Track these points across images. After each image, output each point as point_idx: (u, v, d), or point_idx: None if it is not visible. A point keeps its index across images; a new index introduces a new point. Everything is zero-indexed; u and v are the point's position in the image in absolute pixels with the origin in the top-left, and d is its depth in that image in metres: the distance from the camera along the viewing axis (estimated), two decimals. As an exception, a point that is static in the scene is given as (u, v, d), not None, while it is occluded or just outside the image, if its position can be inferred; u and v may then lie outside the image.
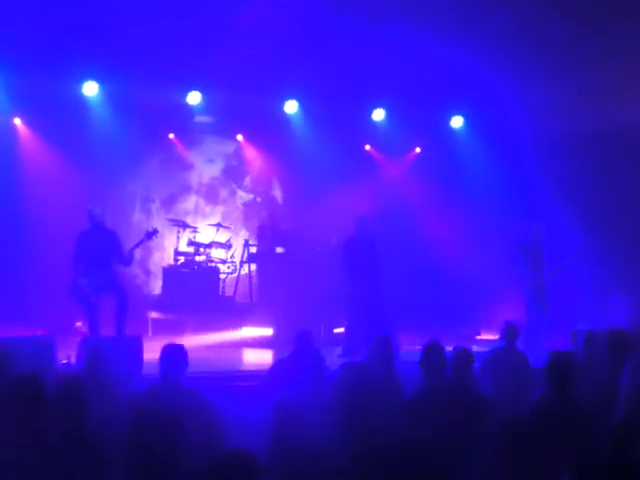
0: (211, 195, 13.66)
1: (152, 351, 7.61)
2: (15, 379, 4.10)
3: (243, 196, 13.89)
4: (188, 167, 13.50)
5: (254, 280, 12.34)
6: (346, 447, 3.80)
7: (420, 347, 5.53)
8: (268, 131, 12.97)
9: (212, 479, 2.96)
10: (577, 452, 3.89)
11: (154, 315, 11.56)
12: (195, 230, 12.51)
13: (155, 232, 9.81)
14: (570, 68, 10.67)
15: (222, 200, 13.73)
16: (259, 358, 9.77)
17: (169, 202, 13.34)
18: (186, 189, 13.49)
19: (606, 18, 9.28)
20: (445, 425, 4.42)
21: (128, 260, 9.38)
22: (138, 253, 10.61)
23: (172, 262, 12.26)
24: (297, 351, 6.06)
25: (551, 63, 10.66)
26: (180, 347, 5.29)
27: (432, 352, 5.45)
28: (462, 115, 13.15)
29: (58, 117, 11.41)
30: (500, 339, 7.35)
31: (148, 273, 12.94)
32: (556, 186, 12.48)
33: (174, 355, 5.21)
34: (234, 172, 13.81)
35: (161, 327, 11.23)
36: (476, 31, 9.84)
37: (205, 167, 13.63)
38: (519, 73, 11.00)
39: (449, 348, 5.59)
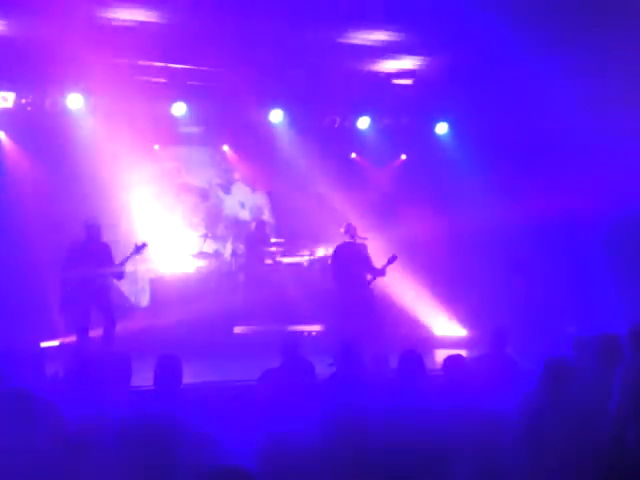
0: (199, 205, 13.64)
1: (141, 362, 7.62)
2: (5, 391, 4.10)
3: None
4: (174, 178, 13.48)
5: (242, 290, 12.34)
6: (335, 449, 3.82)
7: None
8: (254, 140, 12.98)
9: None
10: (569, 452, 3.93)
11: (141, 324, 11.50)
12: (182, 241, 12.49)
13: (144, 246, 9.79)
14: (559, 72, 10.72)
15: (210, 210, 13.72)
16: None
17: (156, 213, 13.30)
18: (172, 200, 13.47)
19: (602, 21, 9.31)
20: (422, 430, 4.44)
21: (119, 274, 9.40)
22: (127, 266, 10.57)
23: (160, 274, 12.24)
24: (287, 361, 6.07)
25: (538, 67, 10.70)
26: (175, 358, 5.30)
27: (408, 360, 5.48)
28: (446, 122, 13.21)
29: (43, 130, 11.37)
30: (489, 344, 7.37)
31: (136, 285, 12.89)
32: (542, 191, 12.51)
33: (169, 366, 5.22)
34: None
35: (151, 337, 11.18)
36: (461, 36, 9.88)
37: (192, 177, 13.61)
38: (503, 77, 11.05)
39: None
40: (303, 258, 12.52)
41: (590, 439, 4.05)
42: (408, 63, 11.11)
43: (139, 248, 9.66)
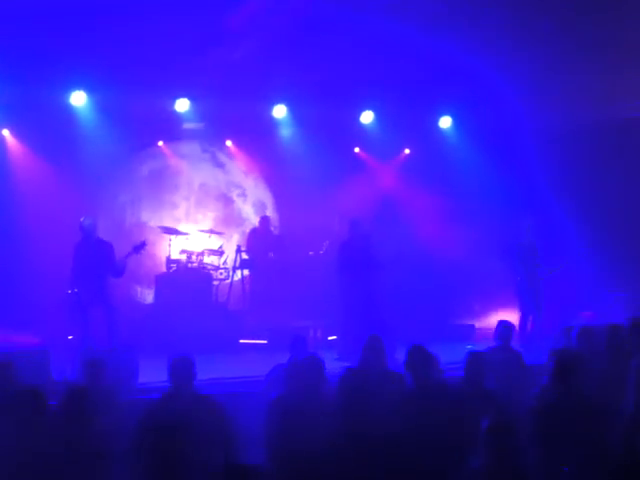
0: (202, 201, 13.64)
1: (148, 360, 7.65)
2: (16, 392, 4.10)
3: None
4: (178, 174, 13.47)
5: (247, 286, 12.35)
6: (343, 445, 3.83)
7: None
8: (257, 136, 12.97)
9: None
10: (579, 445, 3.92)
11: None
12: (187, 237, 12.48)
13: (143, 245, 9.72)
14: (561, 63, 10.70)
15: (214, 206, 13.71)
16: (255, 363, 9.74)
17: (159, 209, 13.31)
18: (176, 196, 13.46)
19: (604, 8, 9.28)
20: (433, 425, 4.46)
21: (119, 271, 9.34)
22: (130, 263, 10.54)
23: (164, 270, 12.21)
24: (294, 355, 6.08)
25: (541, 58, 10.68)
26: (188, 359, 5.39)
27: (415, 354, 5.53)
28: (450, 115, 13.19)
29: (46, 128, 11.38)
30: (494, 338, 7.39)
31: (140, 282, 12.88)
32: (548, 182, 12.52)
33: (183, 368, 5.30)
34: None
35: (156, 335, 11.18)
36: (464, 28, 9.86)
37: (196, 173, 13.60)
38: (508, 70, 11.02)
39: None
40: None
41: (602, 433, 4.05)
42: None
43: (138, 247, 9.59)
